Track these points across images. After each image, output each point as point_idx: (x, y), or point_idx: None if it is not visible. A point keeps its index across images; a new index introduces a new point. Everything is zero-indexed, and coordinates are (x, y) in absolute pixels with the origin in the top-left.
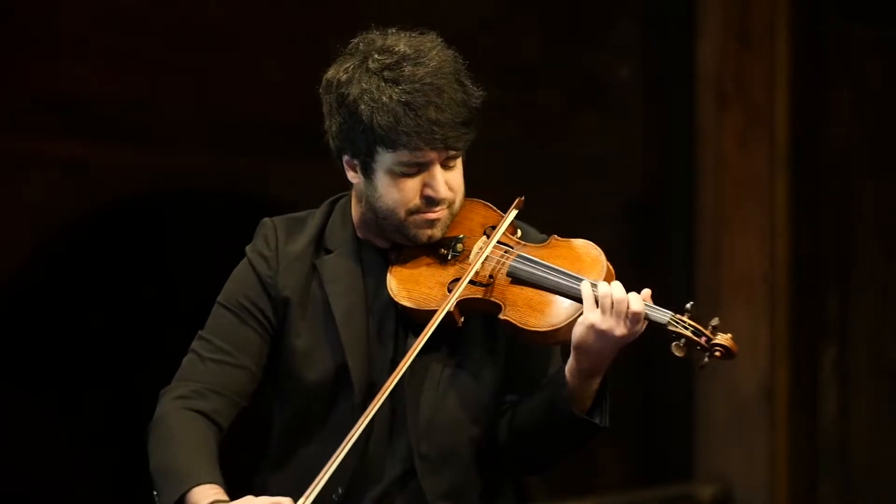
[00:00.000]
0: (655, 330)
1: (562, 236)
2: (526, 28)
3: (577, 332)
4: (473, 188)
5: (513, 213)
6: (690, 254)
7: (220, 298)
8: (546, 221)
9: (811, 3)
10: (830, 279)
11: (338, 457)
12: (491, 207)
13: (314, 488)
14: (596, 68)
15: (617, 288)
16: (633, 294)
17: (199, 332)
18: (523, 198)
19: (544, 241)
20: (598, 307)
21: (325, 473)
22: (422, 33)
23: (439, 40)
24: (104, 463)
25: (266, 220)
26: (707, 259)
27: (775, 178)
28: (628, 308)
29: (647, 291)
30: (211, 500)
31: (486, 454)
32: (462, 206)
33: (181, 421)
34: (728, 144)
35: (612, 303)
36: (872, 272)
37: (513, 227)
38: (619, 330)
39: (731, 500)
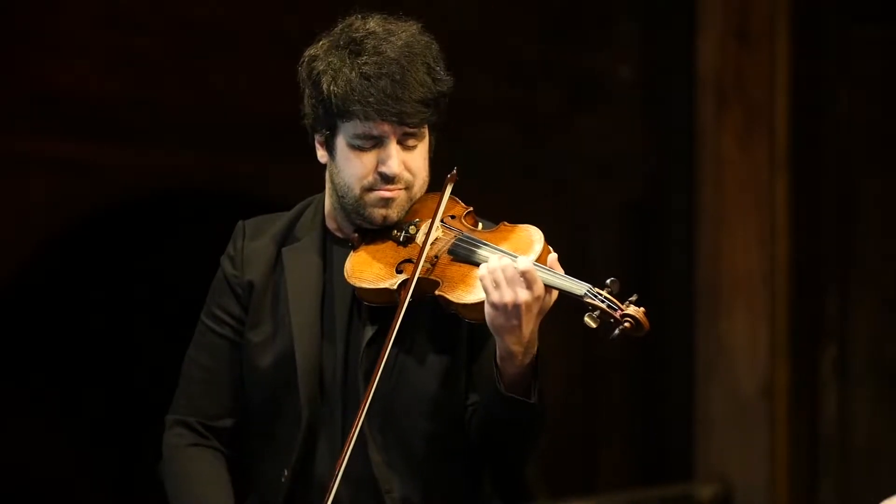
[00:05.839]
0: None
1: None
2: (526, 28)
3: (486, 313)
4: (473, 187)
5: (449, 188)
6: (690, 254)
7: (201, 313)
8: (546, 221)
9: (811, 3)
10: (830, 279)
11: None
12: (453, 198)
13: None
14: (596, 68)
15: (506, 259)
16: (520, 258)
17: (187, 350)
18: (455, 171)
19: (495, 227)
20: (494, 284)
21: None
22: (405, 20)
23: (417, 26)
24: (104, 463)
25: (240, 222)
26: (707, 259)
27: (775, 178)
28: (517, 271)
29: (553, 256)
30: None
31: (447, 453)
32: (425, 197)
33: (189, 460)
34: (728, 144)
35: (502, 272)
36: (872, 272)
37: (473, 219)
38: (520, 296)
39: (731, 500)
